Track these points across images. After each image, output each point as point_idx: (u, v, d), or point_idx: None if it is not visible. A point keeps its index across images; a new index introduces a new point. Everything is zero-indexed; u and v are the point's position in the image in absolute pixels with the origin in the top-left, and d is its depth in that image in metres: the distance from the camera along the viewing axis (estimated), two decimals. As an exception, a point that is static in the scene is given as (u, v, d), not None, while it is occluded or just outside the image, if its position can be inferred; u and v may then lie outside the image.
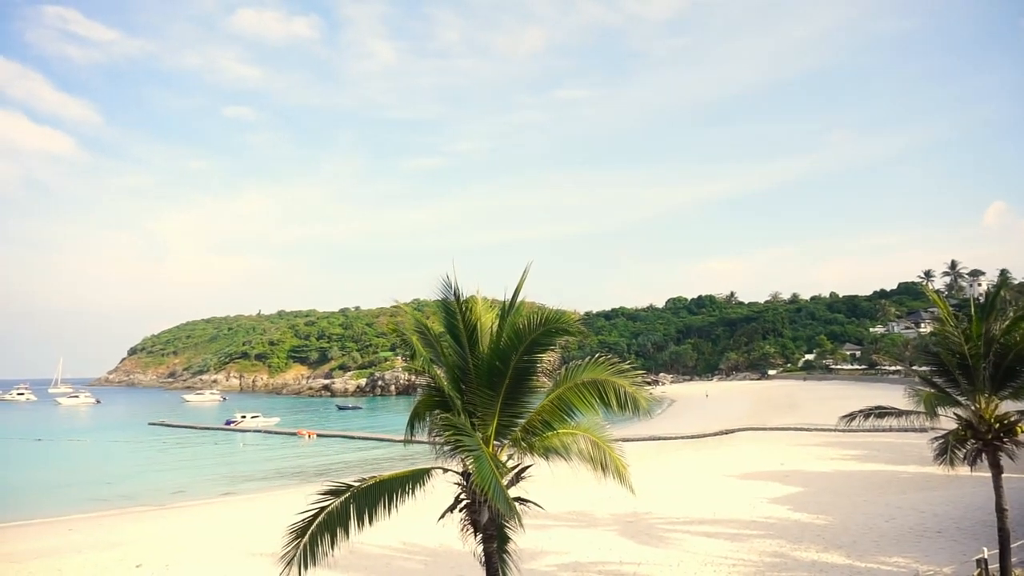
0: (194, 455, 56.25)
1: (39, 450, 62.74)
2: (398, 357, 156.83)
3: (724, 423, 57.89)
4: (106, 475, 45.67)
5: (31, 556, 21.69)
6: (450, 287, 9.24)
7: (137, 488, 39.25)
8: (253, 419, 79.15)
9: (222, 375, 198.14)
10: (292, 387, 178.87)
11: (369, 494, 8.94)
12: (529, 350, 8.85)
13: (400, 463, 32.16)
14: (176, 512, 31.20)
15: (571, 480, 14.65)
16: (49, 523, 29.56)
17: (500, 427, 9.40)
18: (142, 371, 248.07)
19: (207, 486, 39.37)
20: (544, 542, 19.06)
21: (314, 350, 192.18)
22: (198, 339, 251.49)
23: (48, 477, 45.85)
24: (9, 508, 33.57)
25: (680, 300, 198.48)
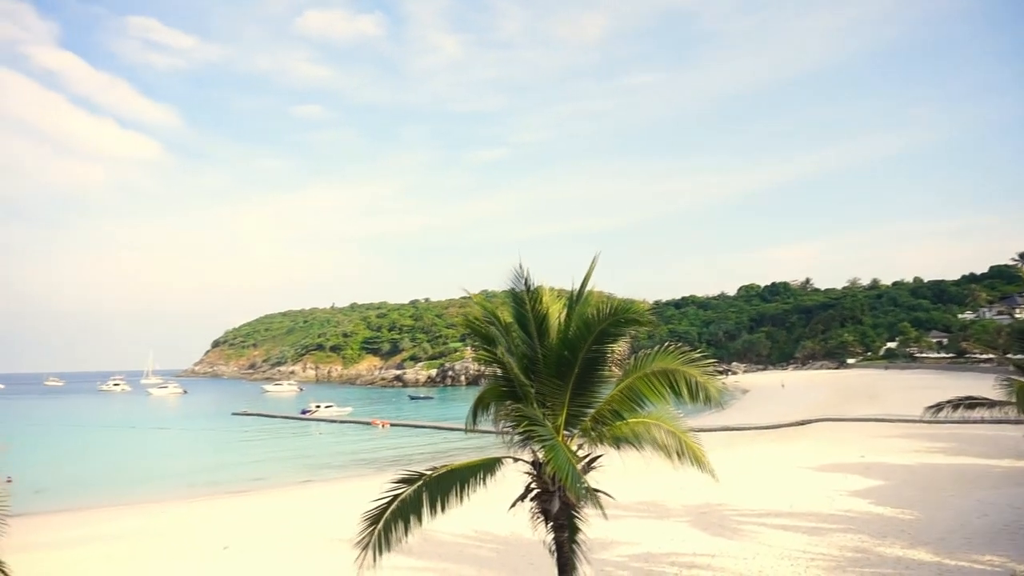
0: (274, 443, 58.39)
1: (133, 437, 66.40)
2: (467, 348, 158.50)
3: (800, 413, 56.16)
4: (194, 461, 48.01)
5: (126, 536, 23.00)
6: (519, 277, 9.28)
7: (222, 474, 41.05)
8: (327, 408, 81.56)
9: (299, 366, 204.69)
10: (365, 377, 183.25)
11: (441, 482, 9.09)
12: (598, 340, 8.79)
13: (471, 452, 32.55)
14: (259, 497, 32.48)
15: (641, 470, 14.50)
16: (143, 505, 31.29)
17: (570, 417, 9.39)
18: (225, 363, 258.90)
19: (287, 473, 40.82)
20: (615, 532, 18.96)
21: (386, 341, 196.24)
22: (276, 332, 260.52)
23: (141, 463, 48.51)
24: (106, 491, 35.76)
25: (753, 287, 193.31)
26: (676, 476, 19.82)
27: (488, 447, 10.09)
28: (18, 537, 8.82)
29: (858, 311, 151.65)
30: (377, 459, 46.18)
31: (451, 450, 48.10)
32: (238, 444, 58.18)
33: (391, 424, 67.85)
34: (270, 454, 51.13)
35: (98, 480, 40.63)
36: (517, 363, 9.52)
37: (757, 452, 36.99)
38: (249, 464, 45.25)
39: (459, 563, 17.26)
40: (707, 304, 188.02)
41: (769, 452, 36.78)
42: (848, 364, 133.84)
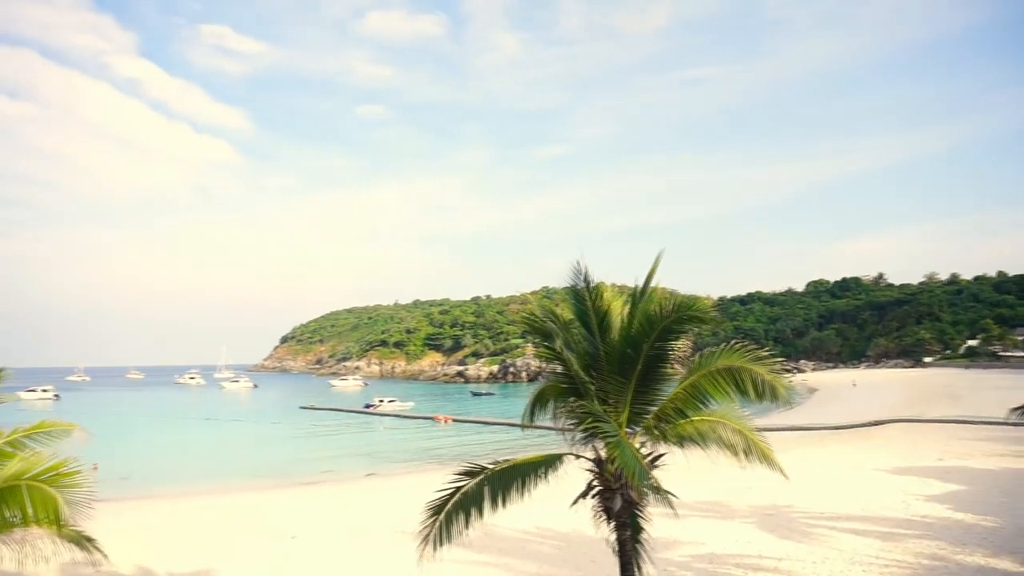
0: (340, 437, 59.79)
1: (207, 429, 69.10)
2: (529, 344, 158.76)
3: (873, 413, 54.15)
4: (264, 453, 49.63)
5: (201, 523, 23.96)
6: (579, 274, 9.23)
7: (291, 465, 42.29)
8: (390, 403, 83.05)
9: (363, 362, 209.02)
10: (428, 373, 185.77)
11: (503, 477, 9.14)
12: (661, 337, 8.68)
13: (532, 448, 32.59)
14: (326, 489, 33.33)
15: (706, 469, 14.26)
16: (215, 493, 32.55)
17: (632, 414, 9.30)
18: (292, 358, 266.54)
19: (353, 466, 41.74)
20: (678, 532, 18.70)
21: (448, 338, 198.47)
22: (341, 328, 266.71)
23: (215, 453, 50.43)
24: (183, 480, 37.34)
25: (822, 283, 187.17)
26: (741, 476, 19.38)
27: (548, 444, 10.06)
28: (104, 520, 9.30)
29: (936, 307, 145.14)
30: (439, 453, 46.74)
31: (512, 446, 48.33)
32: (306, 437, 59.81)
33: (453, 419, 68.57)
34: (336, 447, 52.37)
35: (176, 469, 42.46)
36: (578, 360, 9.48)
37: (827, 453, 35.85)
38: (316, 457, 46.46)
39: (520, 558, 17.32)
40: (774, 300, 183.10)
41: (840, 453, 35.60)
42: (925, 363, 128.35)
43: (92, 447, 10.18)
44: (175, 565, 17.69)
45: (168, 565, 17.67)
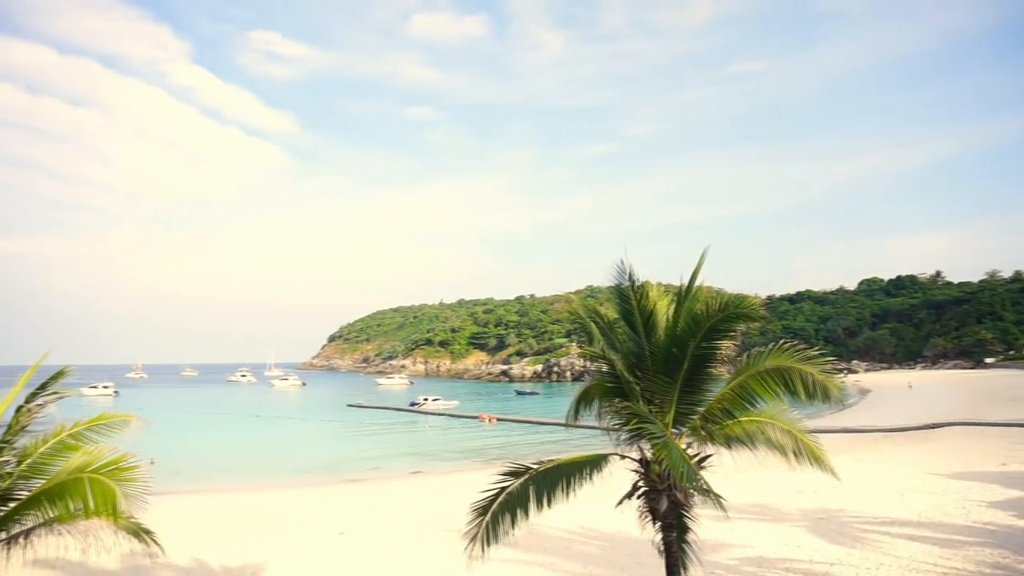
0: (386, 434, 60.56)
1: (258, 425, 70.73)
2: (573, 344, 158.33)
3: (930, 416, 52.43)
4: (312, 450, 50.53)
5: (252, 517, 24.53)
6: (623, 273, 9.17)
7: (338, 462, 43.00)
8: (434, 402, 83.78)
9: (409, 360, 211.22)
10: (473, 372, 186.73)
11: (548, 477, 9.14)
12: (707, 337, 8.57)
13: (577, 448, 32.50)
14: (372, 486, 33.80)
15: (754, 471, 14.02)
16: (265, 488, 33.32)
17: (678, 415, 9.20)
18: (340, 357, 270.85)
19: (399, 463, 42.25)
20: (725, 534, 18.42)
21: (492, 337, 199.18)
22: (387, 327, 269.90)
23: (265, 450, 51.60)
24: (235, 475, 38.32)
25: (875, 281, 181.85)
26: (791, 478, 18.97)
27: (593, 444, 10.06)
28: (159, 513, 9.61)
29: (998, 306, 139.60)
30: (484, 452, 46.96)
31: (557, 446, 48.27)
32: (353, 434, 60.75)
33: (497, 419, 68.79)
34: (382, 445, 53.06)
35: (227, 464, 43.57)
36: (623, 359, 9.42)
37: (881, 456, 34.86)
38: (363, 454, 47.15)
39: (565, 558, 17.29)
40: (824, 299, 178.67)
41: (895, 456, 34.58)
42: (986, 364, 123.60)
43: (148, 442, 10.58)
44: (227, 558, 18.17)
45: (221, 558, 18.16)
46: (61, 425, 9.55)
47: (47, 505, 8.43)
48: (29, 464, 8.98)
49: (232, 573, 16.97)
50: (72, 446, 9.30)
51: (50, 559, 10.80)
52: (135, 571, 16.79)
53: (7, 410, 9.08)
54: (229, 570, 17.22)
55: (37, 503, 8.44)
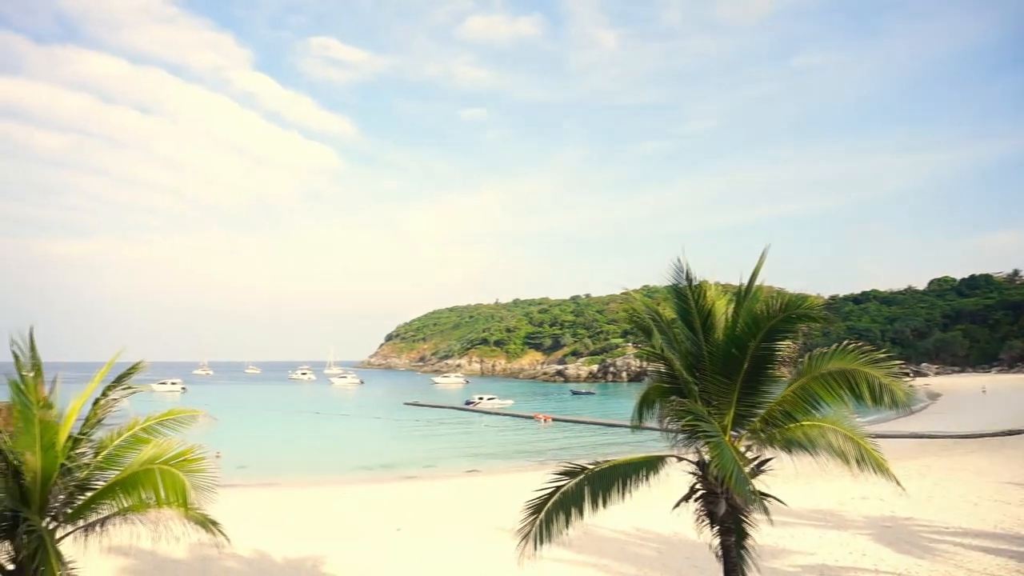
0: (442, 433, 61.15)
1: (318, 422, 72.38)
2: (629, 344, 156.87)
3: (1007, 422, 50.01)
4: (370, 447, 51.45)
5: (311, 512, 25.11)
6: (681, 272, 9.06)
7: (396, 460, 43.65)
8: (489, 401, 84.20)
9: (465, 360, 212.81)
10: (528, 372, 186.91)
11: (603, 477, 9.08)
12: (768, 337, 8.38)
13: (633, 449, 32.19)
14: (428, 484, 34.19)
15: (816, 476, 13.64)
16: (325, 483, 34.11)
17: (737, 416, 9.03)
18: (397, 355, 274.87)
19: (454, 462, 42.62)
20: (786, 540, 17.97)
21: (548, 337, 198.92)
22: (443, 326, 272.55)
23: (325, 446, 52.78)
24: (295, 470, 39.35)
25: (947, 280, 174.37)
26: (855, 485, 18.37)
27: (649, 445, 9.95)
28: (224, 505, 9.94)
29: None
30: (539, 452, 46.93)
31: (612, 444, 47.94)
32: (409, 432, 61.58)
33: (553, 419, 68.67)
34: (438, 443, 53.61)
35: (290, 459, 44.76)
36: (681, 360, 9.30)
37: (953, 463, 33.44)
38: (419, 452, 47.74)
39: (620, 560, 17.15)
40: (892, 299, 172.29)
41: (967, 464, 33.10)
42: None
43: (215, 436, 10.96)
44: (289, 550, 18.66)
45: (283, 550, 18.66)
46: (134, 419, 9.98)
47: (121, 495, 8.83)
48: (105, 456, 9.42)
49: (293, 565, 17.42)
50: (144, 439, 9.71)
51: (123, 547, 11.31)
52: (202, 561, 17.40)
53: (85, 404, 9.53)
54: (291, 562, 17.68)
55: (112, 492, 8.85)
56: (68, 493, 8.90)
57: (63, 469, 8.75)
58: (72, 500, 8.97)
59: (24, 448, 8.37)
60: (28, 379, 8.60)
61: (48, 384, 8.98)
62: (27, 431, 8.37)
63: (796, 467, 9.58)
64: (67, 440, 8.97)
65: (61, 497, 8.84)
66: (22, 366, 8.75)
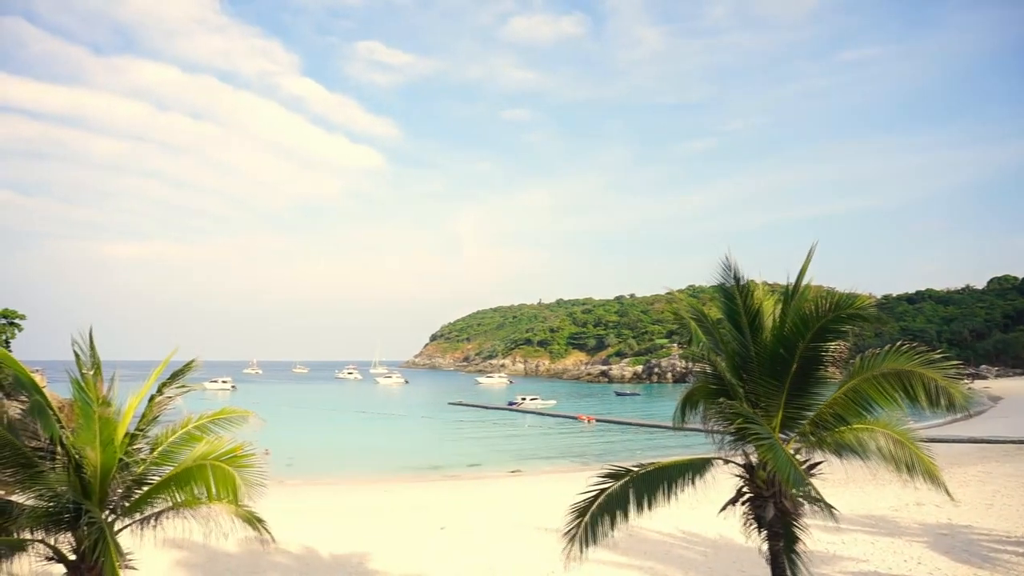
0: (486, 433, 61.36)
1: (363, 421, 73.38)
2: (674, 344, 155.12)
3: (1073, 428, 47.89)
4: (415, 446, 51.96)
5: (357, 509, 25.50)
6: (728, 271, 8.93)
7: (440, 459, 43.98)
8: (532, 401, 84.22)
9: (509, 360, 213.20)
10: (572, 372, 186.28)
11: (648, 480, 9.00)
12: (817, 337, 8.19)
13: (678, 451, 31.82)
14: (472, 484, 34.36)
15: (868, 481, 13.27)
16: (370, 481, 34.59)
17: (786, 419, 8.85)
18: (441, 355, 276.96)
19: (498, 462, 42.73)
20: (837, 547, 17.54)
21: (591, 337, 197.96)
22: (487, 327, 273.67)
23: (370, 444, 53.46)
24: (341, 467, 39.98)
25: (1008, 279, 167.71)
26: (910, 490, 17.79)
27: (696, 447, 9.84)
28: (273, 501, 10.15)
29: None
30: (583, 453, 46.77)
31: (657, 446, 47.51)
32: (454, 432, 61.95)
33: (596, 419, 68.31)
34: (482, 443, 53.81)
35: (336, 458, 45.49)
36: (727, 361, 9.17)
37: (1015, 469, 32.17)
38: (463, 451, 48.01)
39: (665, 563, 16.96)
40: (948, 299, 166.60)
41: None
42: None
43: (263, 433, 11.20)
44: (335, 546, 18.97)
45: (329, 546, 18.98)
46: (188, 416, 10.29)
47: (175, 489, 9.12)
48: (160, 452, 9.74)
49: (339, 561, 17.70)
50: (197, 436, 10.01)
51: (177, 540, 11.68)
52: (251, 555, 17.80)
53: (141, 401, 9.86)
54: (336, 558, 17.96)
55: (166, 487, 9.14)
56: (126, 487, 9.22)
57: (121, 464, 9.06)
58: (129, 494, 9.30)
59: (85, 443, 8.70)
60: (88, 377, 8.93)
61: (106, 382, 9.31)
62: (87, 427, 8.69)
63: (847, 471, 9.34)
64: (125, 436, 9.29)
65: (119, 491, 9.16)
66: (82, 364, 9.10)
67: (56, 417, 8.75)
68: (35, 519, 8.29)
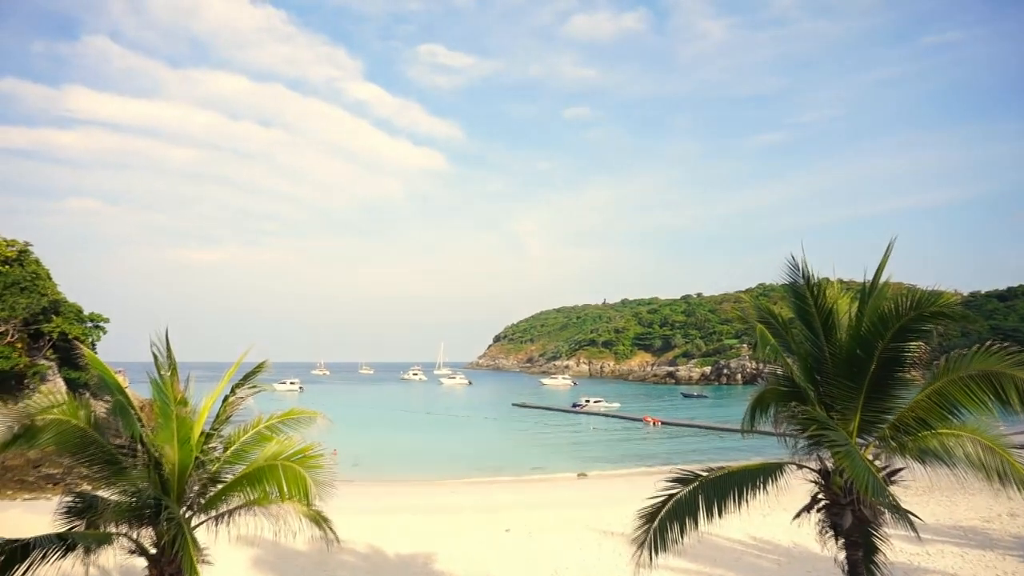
0: (551, 435, 61.36)
1: (428, 422, 74.43)
2: (744, 345, 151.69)
3: None
4: (479, 448, 52.35)
5: (424, 509, 25.86)
6: (799, 269, 8.69)
7: (504, 461, 44.20)
8: (596, 403, 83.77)
9: (573, 361, 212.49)
10: (637, 374, 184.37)
11: (718, 485, 8.84)
12: (897, 337, 7.88)
13: (749, 455, 31.10)
14: (536, 486, 34.41)
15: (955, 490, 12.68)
16: (434, 482, 35.13)
17: (863, 423, 8.55)
18: (505, 356, 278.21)
19: (562, 464, 42.67)
20: (922, 558, 16.82)
21: (657, 338, 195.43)
22: (551, 327, 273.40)
23: (436, 445, 54.19)
24: (408, 468, 40.73)
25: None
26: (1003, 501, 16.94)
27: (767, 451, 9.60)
28: (341, 501, 10.42)
29: None
30: (649, 456, 46.25)
31: (726, 450, 46.60)
32: (518, 434, 62.16)
33: (662, 422, 67.42)
34: (546, 445, 53.85)
35: (400, 457, 46.32)
36: (799, 362, 8.94)
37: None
38: (528, 453, 48.16)
39: (736, 571, 16.60)
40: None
41: None
42: None
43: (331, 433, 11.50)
44: (401, 546, 19.31)
45: (395, 546, 19.33)
46: (259, 417, 10.66)
47: (248, 488, 9.47)
48: (233, 451, 10.12)
49: (405, 561, 18.00)
50: (267, 436, 10.36)
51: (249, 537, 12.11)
52: (320, 553, 18.27)
53: (215, 401, 10.27)
54: (402, 558, 18.28)
55: (239, 485, 9.50)
56: (202, 484, 9.63)
57: (197, 462, 9.47)
58: (205, 491, 9.70)
59: (164, 442, 9.13)
60: (166, 378, 9.36)
61: (183, 382, 9.73)
62: (166, 426, 9.12)
63: (931, 480, 8.94)
64: (200, 435, 9.70)
65: (196, 488, 9.58)
66: (160, 366, 9.53)
67: (137, 416, 9.21)
68: (119, 514, 8.72)
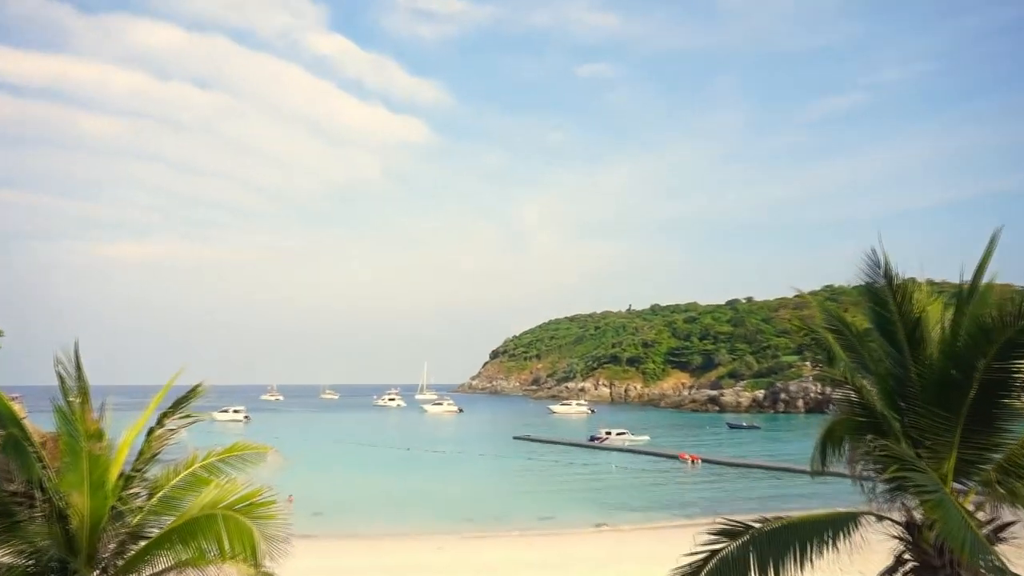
0: (563, 476, 61.43)
1: (408, 459, 74.48)
2: (806, 363, 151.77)
3: None
4: (472, 492, 52.40)
5: (400, 572, 25.81)
6: (877, 267, 8.69)
7: (504, 509, 44.25)
8: (619, 436, 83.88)
9: (590, 382, 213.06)
10: (671, 398, 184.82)
11: (774, 539, 8.82)
12: (1003, 354, 7.87)
13: (813, 502, 31.02)
14: (545, 540, 34.37)
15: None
16: (418, 536, 35.10)
17: (961, 463, 8.54)
18: (504, 377, 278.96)
19: (578, 513, 42.70)
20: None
21: (696, 353, 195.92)
22: (562, 340, 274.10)
23: (417, 489, 54.19)
24: (382, 519, 40.68)
25: None
26: None
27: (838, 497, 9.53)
28: (298, 561, 10.34)
29: None
30: (686, 503, 46.30)
31: (785, 496, 46.53)
32: (522, 474, 62.25)
33: (703, 460, 67.51)
34: (558, 489, 53.89)
35: (374, 506, 46.33)
36: (878, 384, 8.93)
37: None
38: (534, 500, 48.22)
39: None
40: None
41: None
42: None
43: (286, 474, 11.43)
44: (375, 618, 19.25)
45: (368, 618, 19.27)
46: (194, 454, 10.59)
47: (179, 545, 9.38)
48: (160, 498, 10.05)
49: (380, 637, 17.95)
50: (205, 479, 10.29)
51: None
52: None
53: (138, 435, 10.18)
54: (377, 633, 18.23)
55: (168, 541, 9.40)
56: (119, 541, 9.54)
57: (114, 513, 9.37)
58: (124, 549, 9.61)
59: (71, 487, 9.01)
60: (75, 406, 9.24)
61: (96, 411, 9.59)
62: (74, 467, 9.00)
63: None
64: (118, 478, 9.62)
65: (111, 546, 9.49)
66: (68, 390, 9.41)
67: (37, 455, 9.11)
68: (13, 580, 8.66)
